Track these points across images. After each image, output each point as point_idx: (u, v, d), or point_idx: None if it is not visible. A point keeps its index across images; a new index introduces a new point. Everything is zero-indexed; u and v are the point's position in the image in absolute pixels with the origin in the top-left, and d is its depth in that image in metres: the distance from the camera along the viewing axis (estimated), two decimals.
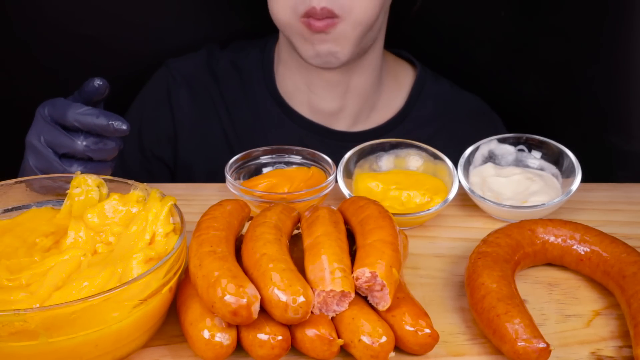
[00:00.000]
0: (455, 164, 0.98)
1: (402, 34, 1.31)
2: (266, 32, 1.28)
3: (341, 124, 1.26)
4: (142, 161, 1.30)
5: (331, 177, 0.97)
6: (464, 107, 1.32)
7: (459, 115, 1.30)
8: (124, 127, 0.90)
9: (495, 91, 1.34)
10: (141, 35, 1.34)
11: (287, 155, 1.04)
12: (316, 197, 0.95)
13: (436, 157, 1.00)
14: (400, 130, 1.26)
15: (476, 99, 1.33)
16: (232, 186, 0.96)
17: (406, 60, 1.32)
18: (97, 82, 0.92)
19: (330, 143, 1.21)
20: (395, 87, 1.29)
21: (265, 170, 1.03)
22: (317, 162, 1.02)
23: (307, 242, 0.76)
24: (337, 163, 0.99)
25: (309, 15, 1.07)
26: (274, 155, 1.04)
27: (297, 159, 1.04)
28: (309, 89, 1.23)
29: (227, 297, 0.65)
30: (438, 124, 1.28)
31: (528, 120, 1.35)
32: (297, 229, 0.83)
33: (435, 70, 1.32)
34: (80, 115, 0.89)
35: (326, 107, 1.24)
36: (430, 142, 1.02)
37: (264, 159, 1.04)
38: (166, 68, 1.29)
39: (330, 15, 1.07)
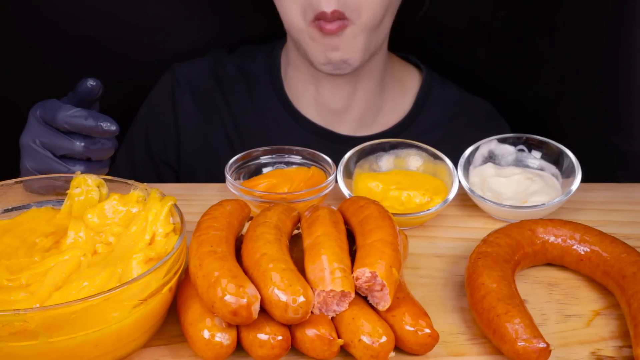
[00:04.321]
0: (456, 164, 0.98)
1: (410, 38, 1.30)
2: (273, 36, 1.28)
3: (347, 127, 1.25)
4: (152, 166, 1.30)
5: (331, 177, 0.97)
6: (472, 112, 1.30)
7: (467, 120, 1.29)
8: (113, 127, 0.90)
9: (496, 92, 1.34)
10: (147, 38, 1.34)
11: (287, 156, 1.04)
12: (316, 197, 0.95)
13: (436, 157, 1.00)
14: (407, 135, 1.24)
15: (485, 104, 1.32)
16: (232, 186, 0.96)
17: (413, 65, 1.31)
18: (91, 82, 0.92)
19: (336, 148, 1.19)
20: (400, 91, 1.28)
21: (265, 170, 1.03)
22: (317, 162, 1.02)
23: (307, 242, 0.76)
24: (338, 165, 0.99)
25: (319, 18, 1.06)
26: (274, 155, 1.04)
27: (297, 159, 1.04)
28: (316, 90, 1.23)
29: (227, 297, 0.65)
30: (445, 129, 1.27)
31: (529, 121, 1.34)
32: (297, 229, 0.83)
33: (443, 73, 1.31)
34: (70, 117, 0.89)
35: (333, 105, 1.23)
36: (438, 147, 1.02)
37: (264, 159, 1.03)
38: (171, 73, 1.29)
39: (341, 17, 1.06)
